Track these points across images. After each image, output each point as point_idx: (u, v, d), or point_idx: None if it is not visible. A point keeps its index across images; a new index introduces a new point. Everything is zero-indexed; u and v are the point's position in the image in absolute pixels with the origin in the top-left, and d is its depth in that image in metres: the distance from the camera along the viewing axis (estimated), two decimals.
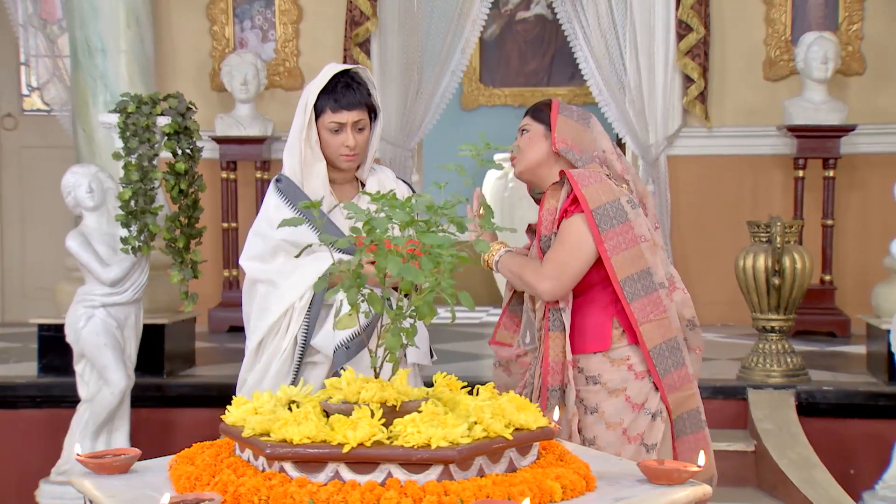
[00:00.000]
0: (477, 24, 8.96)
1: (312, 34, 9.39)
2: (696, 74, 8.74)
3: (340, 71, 3.90)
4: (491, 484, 2.32)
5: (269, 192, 3.97)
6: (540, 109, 3.82)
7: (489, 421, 2.43)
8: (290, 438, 2.39)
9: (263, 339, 3.91)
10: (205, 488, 2.37)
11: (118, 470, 2.64)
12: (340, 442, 2.35)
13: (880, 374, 6.52)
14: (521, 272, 3.65)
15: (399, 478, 2.34)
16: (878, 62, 8.93)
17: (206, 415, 6.66)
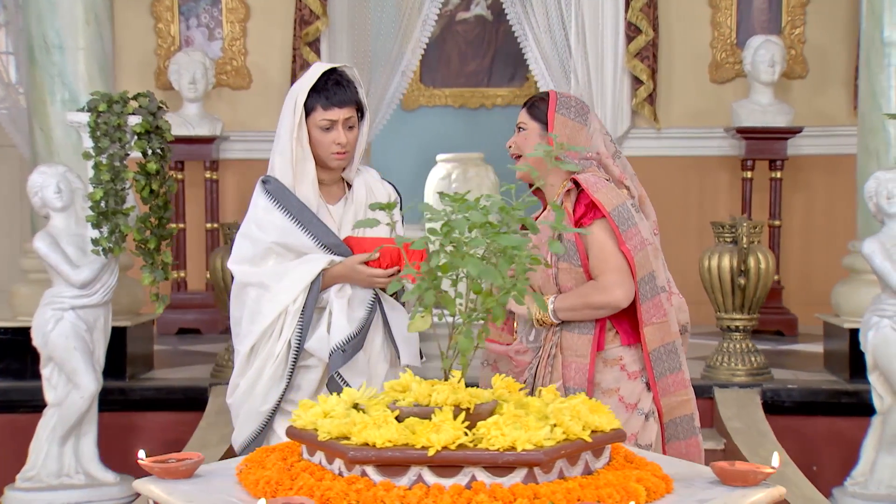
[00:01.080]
0: (427, 24, 8.97)
1: (260, 33, 9.32)
2: (646, 76, 8.84)
3: (328, 69, 3.88)
4: (578, 486, 2.33)
5: (257, 194, 3.91)
6: (536, 106, 3.77)
7: (569, 423, 2.43)
8: (371, 442, 2.37)
9: (256, 343, 3.86)
10: (287, 493, 2.34)
11: (183, 474, 2.60)
12: (424, 445, 2.34)
13: (840, 372, 6.65)
14: (587, 301, 3.59)
15: (484, 481, 2.34)
16: (820, 66, 9.13)
17: (169, 418, 6.61)
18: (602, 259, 3.57)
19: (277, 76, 9.25)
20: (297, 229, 3.83)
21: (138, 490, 2.59)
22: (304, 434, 2.54)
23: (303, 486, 2.35)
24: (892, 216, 5.70)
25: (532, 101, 3.82)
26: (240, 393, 3.95)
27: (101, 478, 5.97)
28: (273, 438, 3.94)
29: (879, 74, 6.61)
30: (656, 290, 3.59)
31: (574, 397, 2.58)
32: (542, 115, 3.72)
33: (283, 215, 3.83)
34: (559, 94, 3.76)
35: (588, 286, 3.60)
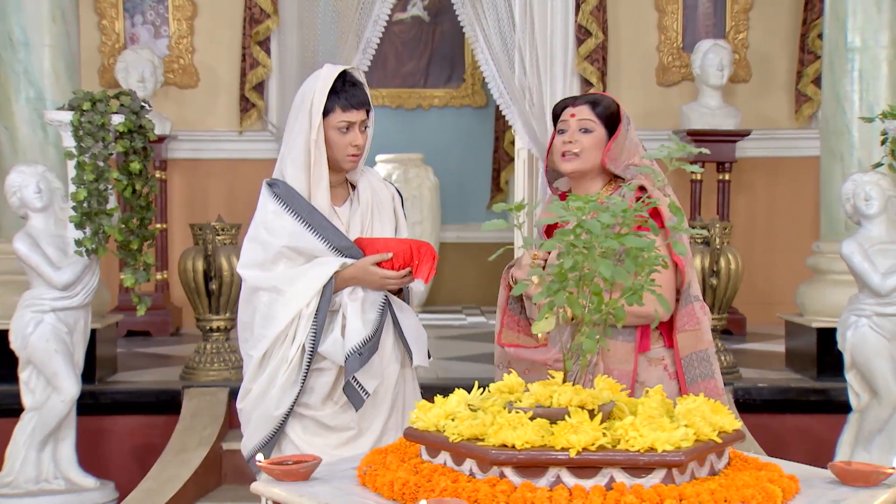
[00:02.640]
0: (378, 24, 8.94)
1: (208, 31, 9.23)
2: (595, 79, 8.93)
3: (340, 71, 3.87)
4: (719, 487, 2.37)
5: (265, 198, 3.87)
6: (604, 109, 3.64)
7: (699, 424, 2.47)
8: (510, 443, 2.38)
9: (269, 348, 3.83)
10: (430, 495, 2.34)
11: (302, 477, 2.58)
12: (564, 446, 2.36)
13: (805, 370, 6.80)
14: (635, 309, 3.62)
15: (624, 482, 2.36)
16: (763, 70, 9.34)
17: (140, 422, 6.51)
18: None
19: (226, 75, 9.17)
20: (307, 233, 3.79)
21: (259, 492, 2.57)
22: (429, 436, 2.54)
23: (445, 487, 2.35)
24: (869, 217, 5.84)
25: (596, 101, 3.68)
26: (252, 397, 3.90)
27: (80, 483, 5.86)
28: (285, 442, 3.91)
29: (843, 79, 6.78)
30: (690, 300, 3.59)
31: (694, 398, 2.62)
32: (609, 121, 3.63)
33: (294, 219, 3.79)
34: (620, 105, 3.69)
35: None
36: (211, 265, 6.48)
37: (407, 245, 3.86)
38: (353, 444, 3.89)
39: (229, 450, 6.17)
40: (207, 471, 5.99)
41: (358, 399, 3.80)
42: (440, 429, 2.54)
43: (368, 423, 3.90)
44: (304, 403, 3.86)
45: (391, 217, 4.08)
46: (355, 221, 3.94)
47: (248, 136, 9.13)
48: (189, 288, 6.58)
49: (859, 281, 5.82)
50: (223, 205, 8.83)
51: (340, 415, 3.88)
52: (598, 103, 3.67)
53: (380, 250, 3.83)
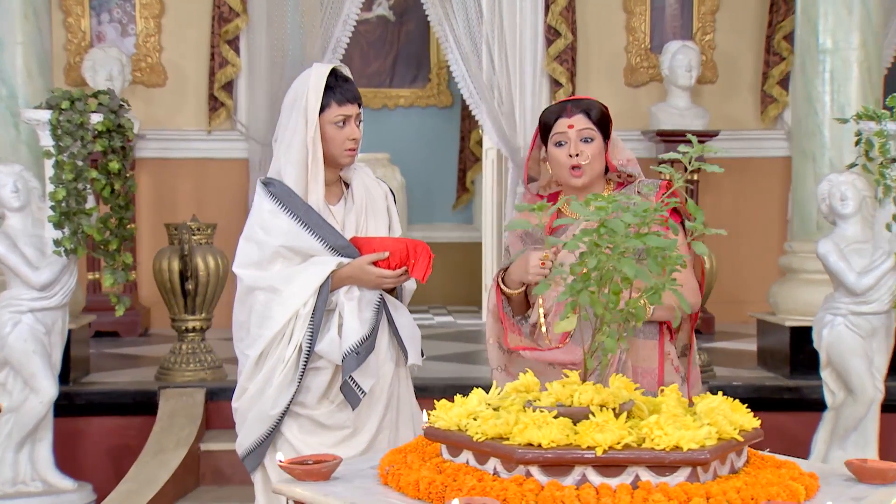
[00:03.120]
0: (348, 23, 8.96)
1: (175, 30, 9.17)
2: (565, 79, 8.98)
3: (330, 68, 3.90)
4: (744, 486, 2.39)
5: (260, 197, 3.87)
6: (595, 113, 3.64)
7: (721, 423, 2.49)
8: (535, 442, 2.39)
9: (266, 348, 3.83)
10: (457, 494, 2.35)
11: (324, 476, 2.59)
12: (590, 445, 2.38)
13: (778, 368, 6.87)
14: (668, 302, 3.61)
15: (650, 480, 2.38)
16: (729, 71, 9.42)
17: (116, 423, 6.47)
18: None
19: (194, 74, 9.12)
20: (304, 232, 3.81)
21: (281, 492, 2.57)
22: (452, 435, 2.54)
23: (473, 486, 2.36)
24: (845, 217, 5.91)
25: (589, 108, 3.66)
26: (248, 397, 3.90)
27: (58, 485, 5.82)
28: (280, 441, 3.91)
29: (815, 80, 6.85)
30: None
31: (713, 397, 2.64)
32: (604, 126, 3.64)
33: (290, 218, 3.80)
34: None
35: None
36: (187, 265, 6.45)
37: (403, 244, 3.88)
38: (349, 443, 3.90)
39: (207, 450, 6.17)
40: (186, 472, 5.96)
41: (354, 398, 3.81)
42: (462, 428, 2.55)
43: (363, 421, 3.92)
44: (300, 402, 3.87)
45: (384, 215, 4.10)
46: (350, 220, 3.95)
47: (217, 135, 9.08)
48: (164, 288, 6.54)
49: (835, 280, 5.88)
50: (192, 204, 8.79)
51: (336, 414, 3.89)
52: (591, 109, 3.65)
53: (376, 249, 3.85)
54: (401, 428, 4.06)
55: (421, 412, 4.20)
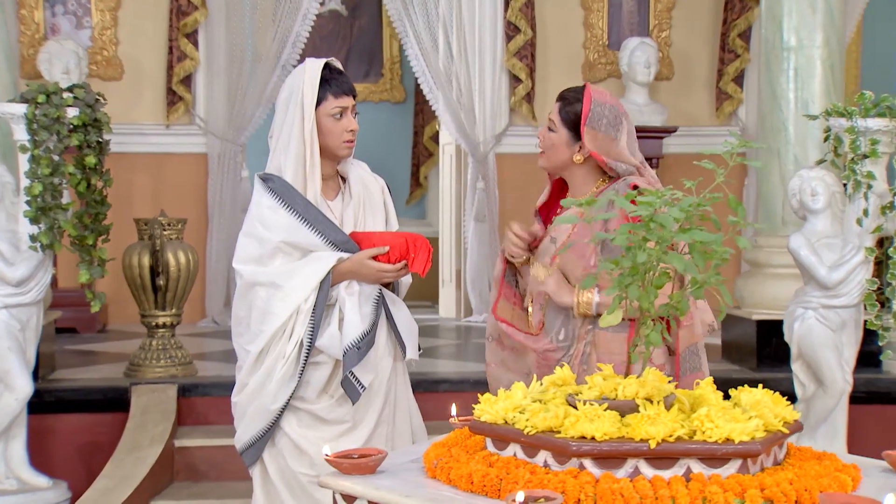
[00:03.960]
0: (308, 18, 8.93)
1: (132, 23, 9.08)
2: (524, 75, 9.03)
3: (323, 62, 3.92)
4: (795, 477, 2.43)
5: (259, 193, 3.88)
6: (570, 106, 3.67)
7: (767, 415, 2.54)
8: (588, 435, 2.42)
9: (267, 343, 3.84)
10: (513, 487, 2.37)
11: (370, 470, 2.60)
12: (643, 438, 2.41)
13: (744, 361, 6.97)
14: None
15: (702, 472, 2.42)
16: (685, 68, 9.52)
17: (87, 420, 6.40)
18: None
19: (151, 67, 9.04)
20: (304, 227, 3.82)
21: (328, 486, 2.57)
22: (499, 428, 2.56)
23: (530, 480, 2.38)
24: (816, 212, 6.01)
25: (565, 100, 3.70)
26: (248, 392, 3.91)
27: (33, 482, 5.75)
28: (279, 435, 3.93)
29: (780, 77, 6.95)
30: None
31: (755, 390, 2.69)
32: (573, 120, 3.65)
33: (290, 214, 3.82)
34: (594, 102, 3.64)
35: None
36: (158, 261, 6.39)
37: (402, 238, 3.90)
38: (348, 437, 3.92)
39: (181, 447, 6.12)
40: (161, 468, 5.92)
41: (355, 393, 3.83)
42: (509, 421, 2.57)
43: (362, 415, 3.95)
44: (300, 397, 3.88)
45: (381, 209, 4.13)
46: (348, 215, 3.97)
47: (176, 129, 9.01)
48: (134, 284, 6.47)
49: (806, 274, 5.98)
50: (149, 199, 8.74)
51: (336, 408, 3.91)
52: (566, 104, 3.69)
53: (375, 244, 3.87)
54: (398, 422, 4.09)
55: (417, 406, 4.26)
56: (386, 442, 4.00)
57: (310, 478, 3.91)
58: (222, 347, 7.83)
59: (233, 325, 3.99)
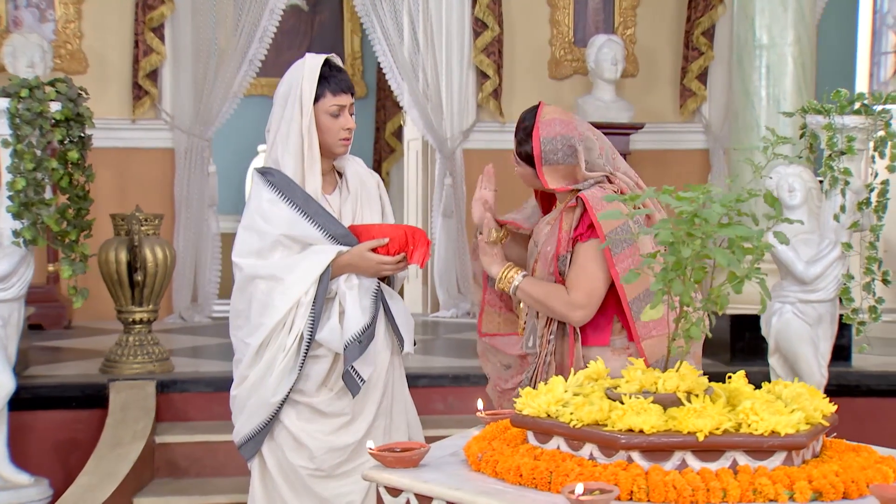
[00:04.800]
0: (275, 13, 8.91)
1: (97, 16, 9.00)
2: (492, 71, 9.08)
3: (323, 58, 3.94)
4: (841, 469, 2.46)
5: (258, 186, 3.90)
6: (522, 151, 3.75)
7: (808, 408, 2.58)
8: (636, 428, 2.45)
9: (268, 336, 3.85)
10: (565, 479, 2.40)
11: (412, 464, 2.61)
12: (691, 431, 2.45)
13: (717, 355, 7.05)
14: (549, 301, 3.65)
15: (748, 464, 2.45)
16: (649, 65, 9.61)
17: (64, 417, 6.35)
18: (580, 276, 3.60)
19: (116, 61, 8.97)
20: (303, 221, 3.84)
21: (373, 479, 2.58)
22: (543, 422, 2.59)
23: (581, 472, 2.41)
24: (793, 208, 6.09)
25: (518, 138, 3.77)
26: (248, 385, 3.92)
27: (14, 480, 5.69)
28: (279, 428, 3.95)
29: (752, 74, 7.04)
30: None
31: (795, 384, 2.73)
32: (529, 159, 3.72)
33: (289, 207, 3.84)
34: (543, 140, 3.67)
35: (558, 291, 3.63)
36: (136, 256, 6.35)
37: (402, 231, 3.93)
38: (347, 430, 3.95)
39: (162, 443, 6.10)
40: (143, 465, 5.89)
41: (355, 386, 3.86)
42: (552, 415, 2.60)
43: (361, 408, 3.97)
44: (299, 390, 3.90)
45: (378, 204, 4.15)
46: (346, 209, 3.99)
47: (142, 124, 8.95)
48: (111, 280, 6.43)
49: (783, 269, 6.06)
50: (115, 195, 8.67)
51: (335, 401, 3.93)
52: (519, 144, 3.77)
53: (375, 236, 3.89)
54: (395, 415, 4.13)
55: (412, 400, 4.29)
56: (384, 435, 4.04)
57: (309, 471, 3.93)
58: (191, 343, 7.80)
59: (231, 319, 4.00)
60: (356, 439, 3.95)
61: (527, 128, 3.75)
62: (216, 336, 8.25)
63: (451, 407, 6.53)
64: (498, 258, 3.82)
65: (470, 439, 2.76)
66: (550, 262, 3.69)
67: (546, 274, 3.72)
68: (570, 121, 3.74)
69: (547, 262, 3.71)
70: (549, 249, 3.70)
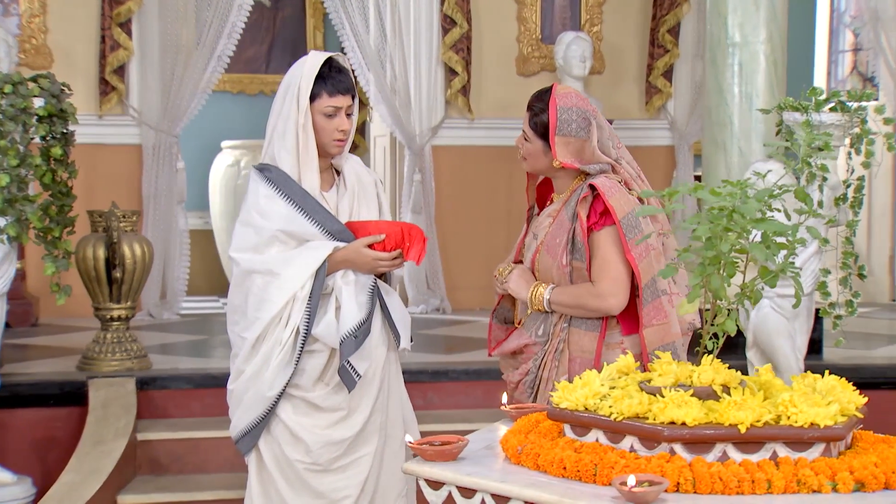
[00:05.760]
0: (243, 8, 8.86)
1: (62, 10, 8.90)
2: (461, 68, 9.11)
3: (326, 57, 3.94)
4: (880, 461, 2.51)
5: (256, 182, 3.92)
6: (539, 117, 3.77)
7: (843, 400, 2.63)
8: (678, 420, 2.49)
9: (264, 331, 3.87)
10: (610, 472, 2.43)
11: (451, 457, 2.64)
12: (732, 423, 2.49)
13: (691, 349, 7.11)
14: (580, 302, 3.71)
15: (788, 456, 2.50)
16: (615, 62, 9.69)
17: (41, 415, 6.30)
18: (602, 267, 3.68)
19: (83, 57, 8.88)
20: (300, 217, 3.86)
21: (414, 472, 2.60)
22: (582, 415, 2.62)
23: (627, 464, 2.45)
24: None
25: (533, 110, 3.80)
26: (244, 379, 3.94)
27: None
28: (275, 422, 3.96)
29: (725, 72, 7.12)
30: (657, 294, 3.68)
31: (820, 377, 2.78)
32: (542, 130, 3.75)
33: (287, 203, 3.86)
34: (560, 109, 3.71)
35: (585, 288, 3.71)
36: (115, 253, 6.31)
37: (398, 227, 3.95)
38: (343, 425, 3.98)
39: (143, 440, 6.08)
40: (126, 462, 5.87)
41: (351, 381, 3.88)
42: (590, 408, 2.63)
43: (357, 403, 3.99)
44: (296, 385, 3.92)
45: (375, 202, 4.17)
46: (343, 206, 4.01)
47: (109, 120, 8.87)
48: (89, 276, 6.38)
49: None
50: (82, 191, 8.50)
51: (331, 396, 3.96)
52: (534, 115, 3.79)
53: (371, 233, 3.91)
54: (391, 410, 4.15)
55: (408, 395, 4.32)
56: (380, 430, 4.06)
57: (305, 465, 3.95)
58: (160, 341, 7.76)
59: (228, 314, 4.02)
60: (352, 434, 3.98)
61: (543, 99, 3.79)
62: (186, 333, 8.23)
63: (430, 402, 6.56)
64: (523, 281, 3.85)
65: (505, 433, 2.79)
66: (560, 252, 3.73)
67: (553, 264, 3.76)
68: (585, 99, 3.82)
69: (555, 252, 3.75)
70: (558, 241, 3.74)
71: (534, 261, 3.85)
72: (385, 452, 4.11)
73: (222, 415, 6.07)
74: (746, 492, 2.39)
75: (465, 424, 5.84)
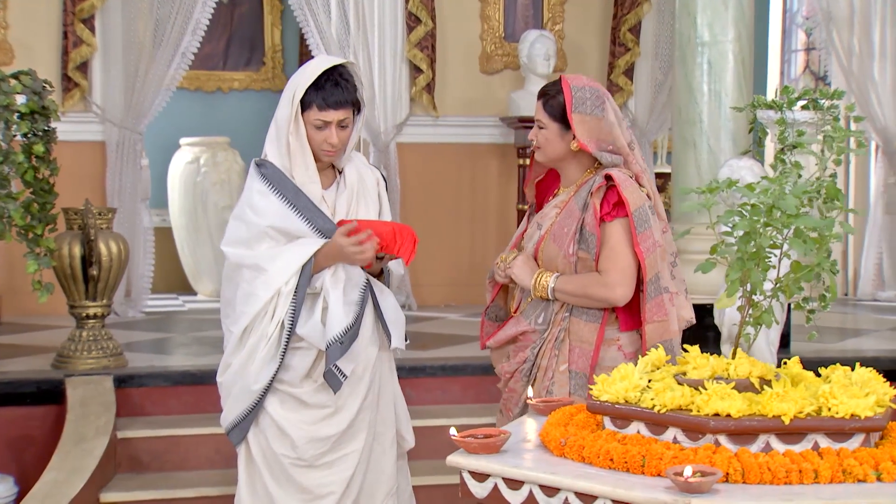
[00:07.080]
0: (208, 5, 8.80)
1: (23, 6, 8.79)
2: (425, 66, 9.14)
3: (329, 66, 3.95)
4: None
5: (252, 178, 3.97)
6: (552, 101, 3.84)
7: (879, 392, 2.70)
8: (722, 412, 2.55)
9: (249, 324, 3.92)
10: (658, 463, 2.48)
11: (494, 449, 2.67)
12: (776, 414, 2.55)
13: None
14: (587, 291, 3.78)
15: (829, 446, 2.57)
16: (577, 61, 9.76)
17: (17, 413, 6.24)
18: (612, 257, 3.76)
19: (45, 53, 8.78)
20: (292, 214, 3.90)
21: (458, 465, 2.63)
22: (623, 408, 2.67)
23: (675, 456, 2.50)
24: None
25: (547, 95, 3.88)
26: (231, 372, 4.00)
27: None
28: (262, 416, 4.01)
29: (695, 71, 7.23)
30: (660, 291, 3.78)
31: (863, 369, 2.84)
32: (559, 112, 3.82)
33: (279, 200, 3.90)
34: (573, 88, 3.80)
35: (592, 278, 3.78)
36: (93, 250, 6.27)
37: (389, 227, 3.99)
38: (330, 421, 4.02)
39: (123, 438, 6.04)
40: (107, 460, 5.84)
41: (336, 383, 3.93)
42: (630, 401, 2.68)
43: (345, 401, 4.04)
44: (283, 380, 3.97)
45: (375, 201, 4.20)
46: (341, 204, 4.05)
47: (71, 116, 8.75)
48: (65, 274, 6.31)
49: None
50: None
51: (318, 392, 4.01)
52: (549, 99, 3.87)
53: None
54: (382, 408, 4.18)
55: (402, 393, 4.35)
56: (368, 428, 4.09)
57: (290, 460, 4.00)
58: (126, 339, 7.68)
59: (221, 307, 4.10)
60: (338, 431, 4.02)
61: (555, 85, 3.87)
62: (150, 331, 8.18)
63: (408, 398, 6.55)
64: (527, 268, 3.91)
65: (544, 425, 2.83)
66: (568, 242, 3.79)
67: (558, 254, 3.81)
68: (595, 82, 3.89)
69: (563, 242, 3.80)
70: (566, 231, 3.78)
71: (537, 250, 3.90)
72: (373, 450, 4.14)
73: (201, 412, 6.15)
74: (794, 482, 2.45)
75: (446, 420, 5.89)
